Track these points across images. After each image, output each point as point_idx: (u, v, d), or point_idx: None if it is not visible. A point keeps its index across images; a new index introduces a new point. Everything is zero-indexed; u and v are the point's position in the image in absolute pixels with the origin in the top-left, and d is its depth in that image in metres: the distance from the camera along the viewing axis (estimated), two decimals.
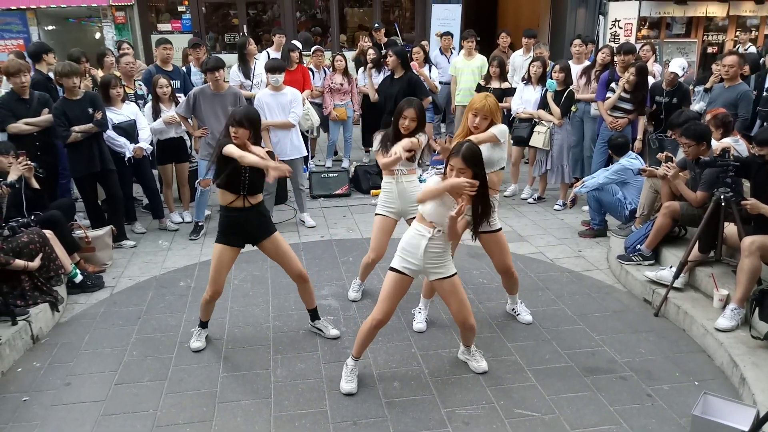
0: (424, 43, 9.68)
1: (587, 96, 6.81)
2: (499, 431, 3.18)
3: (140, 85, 6.57)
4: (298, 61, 7.60)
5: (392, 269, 3.39)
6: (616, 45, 7.44)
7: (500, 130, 3.77)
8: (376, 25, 9.93)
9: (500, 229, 3.94)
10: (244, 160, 3.47)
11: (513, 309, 4.33)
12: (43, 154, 5.38)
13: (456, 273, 3.42)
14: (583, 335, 4.10)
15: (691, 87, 7.23)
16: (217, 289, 3.82)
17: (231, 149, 3.51)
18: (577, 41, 7.49)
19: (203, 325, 4.03)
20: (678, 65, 6.39)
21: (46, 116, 5.44)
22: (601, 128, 6.56)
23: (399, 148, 3.82)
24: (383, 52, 8.02)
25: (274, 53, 7.94)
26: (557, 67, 6.62)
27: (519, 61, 8.45)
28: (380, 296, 3.40)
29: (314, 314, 4.11)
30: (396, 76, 6.70)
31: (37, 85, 5.87)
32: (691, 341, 4.02)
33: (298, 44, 8.17)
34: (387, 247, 4.30)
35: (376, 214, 4.29)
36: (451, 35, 9.42)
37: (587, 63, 7.24)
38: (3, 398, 3.50)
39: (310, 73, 7.97)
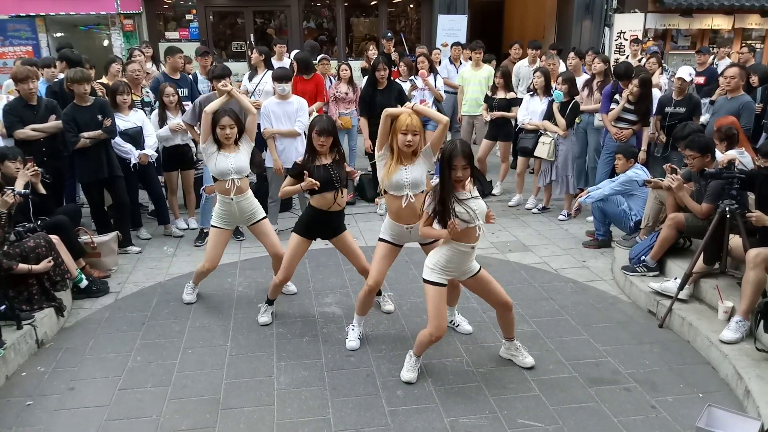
0: (435, 51, 9.73)
1: (591, 107, 6.82)
2: None
3: (147, 92, 6.61)
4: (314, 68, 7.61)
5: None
6: (616, 58, 7.44)
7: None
8: (389, 34, 9.96)
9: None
10: None
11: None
12: (49, 159, 5.42)
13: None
14: (587, 346, 4.09)
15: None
16: (289, 275, 4.26)
17: None
18: (571, 53, 7.59)
19: (270, 302, 4.44)
20: (686, 72, 6.38)
21: (53, 122, 5.48)
22: (606, 139, 6.57)
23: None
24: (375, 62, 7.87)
25: (277, 63, 7.97)
26: (560, 78, 6.65)
27: (525, 71, 8.48)
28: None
29: (378, 292, 4.44)
30: (380, 88, 6.73)
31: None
32: (695, 353, 4.01)
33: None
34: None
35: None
36: (461, 45, 9.49)
37: (588, 75, 7.27)
38: (7, 402, 3.51)
39: None
